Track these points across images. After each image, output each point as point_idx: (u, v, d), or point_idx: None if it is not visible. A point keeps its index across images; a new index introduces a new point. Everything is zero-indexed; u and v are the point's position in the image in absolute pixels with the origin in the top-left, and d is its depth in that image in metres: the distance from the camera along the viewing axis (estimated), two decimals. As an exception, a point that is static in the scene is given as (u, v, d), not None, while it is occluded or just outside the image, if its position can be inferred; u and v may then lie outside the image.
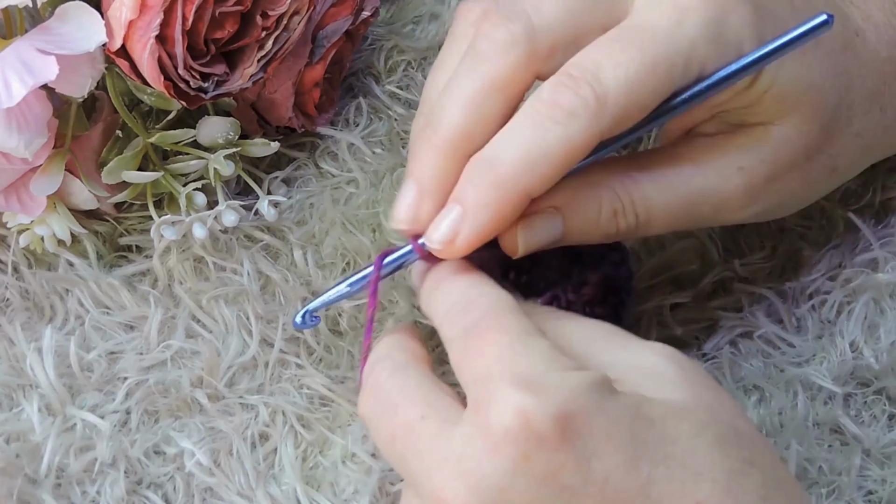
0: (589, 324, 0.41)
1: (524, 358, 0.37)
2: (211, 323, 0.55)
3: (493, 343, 0.38)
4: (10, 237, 0.57)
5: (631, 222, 0.44)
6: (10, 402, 0.53)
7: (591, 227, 0.43)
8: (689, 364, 0.39)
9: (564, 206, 0.43)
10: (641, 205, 0.44)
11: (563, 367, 0.37)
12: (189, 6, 0.52)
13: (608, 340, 0.40)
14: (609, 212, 0.43)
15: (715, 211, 0.45)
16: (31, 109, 0.51)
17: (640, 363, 0.39)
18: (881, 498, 0.49)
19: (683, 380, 0.38)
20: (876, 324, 0.53)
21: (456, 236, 0.41)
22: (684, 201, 0.44)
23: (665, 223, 0.45)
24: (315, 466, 0.52)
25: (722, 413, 0.38)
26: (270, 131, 0.61)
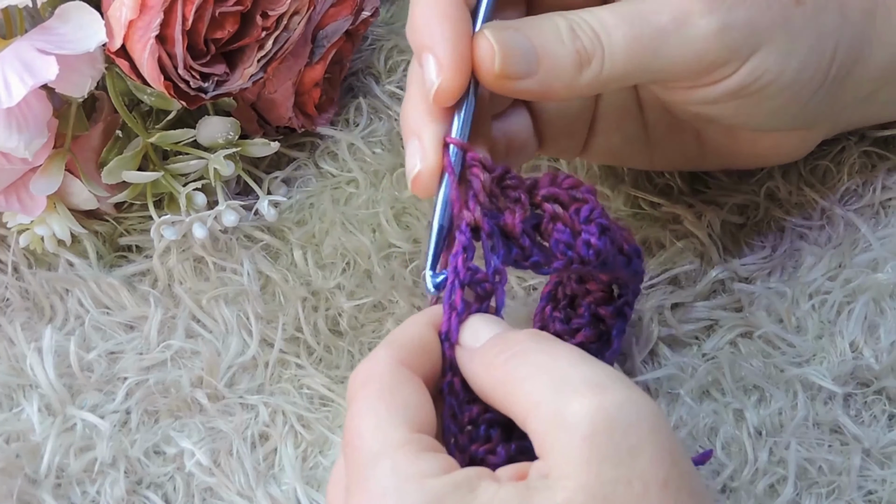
0: (538, 364, 0.38)
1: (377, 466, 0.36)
2: (211, 323, 0.55)
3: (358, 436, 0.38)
4: (10, 237, 0.57)
5: (591, 37, 0.44)
6: (10, 402, 0.53)
7: (556, 43, 0.44)
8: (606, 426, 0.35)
9: (521, 26, 0.44)
10: (595, 22, 0.44)
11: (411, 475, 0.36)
12: (189, 6, 0.52)
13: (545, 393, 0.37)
14: (566, 27, 0.44)
15: (675, 23, 0.44)
16: (31, 109, 0.51)
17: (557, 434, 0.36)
18: (881, 498, 0.49)
19: (586, 460, 0.35)
20: (876, 324, 0.53)
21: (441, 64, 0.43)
22: (638, 14, 0.44)
23: (626, 41, 0.44)
24: (315, 466, 0.52)
25: (621, 498, 0.35)
26: (270, 131, 0.61)
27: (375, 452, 0.37)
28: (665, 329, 0.53)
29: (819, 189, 0.57)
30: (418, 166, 0.44)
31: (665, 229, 0.56)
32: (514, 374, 0.38)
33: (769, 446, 0.50)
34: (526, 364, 0.38)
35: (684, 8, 0.44)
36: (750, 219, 0.57)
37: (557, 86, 0.44)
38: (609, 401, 0.36)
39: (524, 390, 0.38)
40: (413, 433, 0.37)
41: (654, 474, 0.35)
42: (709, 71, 0.45)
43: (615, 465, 0.35)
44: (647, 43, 0.44)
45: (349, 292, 0.56)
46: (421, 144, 0.44)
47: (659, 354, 0.53)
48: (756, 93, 0.46)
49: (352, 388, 0.39)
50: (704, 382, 0.52)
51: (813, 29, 0.47)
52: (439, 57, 0.43)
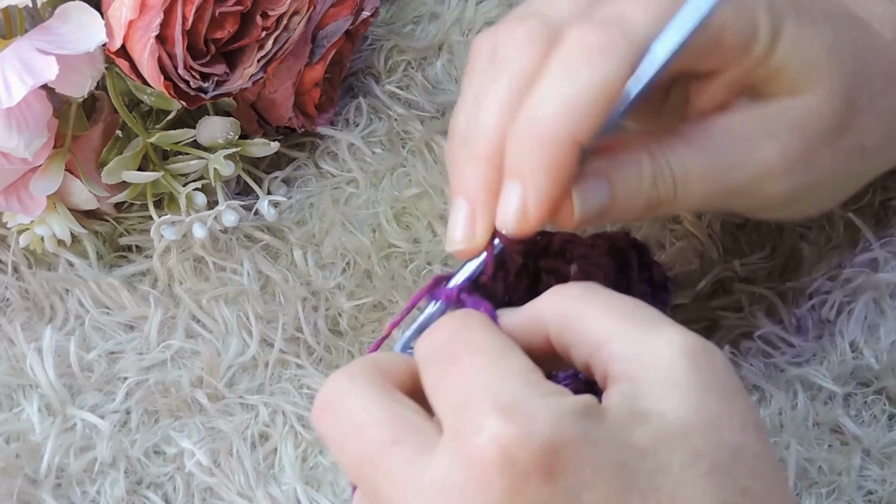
0: (605, 301, 0.39)
1: (503, 381, 0.35)
2: (211, 323, 0.55)
3: (468, 366, 0.36)
4: (10, 237, 0.57)
5: (669, 187, 0.43)
6: (10, 402, 0.53)
7: (635, 193, 0.43)
8: (708, 363, 0.36)
9: (607, 170, 0.42)
10: (678, 168, 0.43)
11: (547, 391, 0.35)
12: (189, 6, 0.52)
13: (625, 323, 0.38)
14: (649, 175, 0.43)
15: (751, 181, 0.44)
16: (31, 109, 0.51)
17: (655, 358, 0.36)
18: (881, 498, 0.49)
19: (694, 386, 0.36)
20: (876, 324, 0.53)
21: (526, 209, 0.40)
22: (719, 166, 0.44)
23: (701, 192, 0.44)
24: (315, 466, 0.52)
25: (725, 432, 0.36)
26: (270, 131, 0.61)
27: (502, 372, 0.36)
28: (665, 329, 0.53)
29: (819, 189, 0.57)
30: (461, 244, 0.42)
31: (665, 229, 0.56)
32: (584, 308, 0.38)
33: (769, 446, 0.50)
34: (597, 300, 0.38)
35: (765, 169, 0.44)
36: (750, 219, 0.57)
37: (618, 221, 0.45)
38: (703, 341, 0.37)
39: (601, 322, 0.38)
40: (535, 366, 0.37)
41: (749, 416, 0.36)
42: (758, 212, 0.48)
43: (719, 399, 0.36)
44: (719, 198, 0.45)
45: (349, 292, 0.56)
46: (472, 219, 0.42)
47: (659, 354, 0.53)
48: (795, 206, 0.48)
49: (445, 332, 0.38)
50: (704, 382, 0.52)
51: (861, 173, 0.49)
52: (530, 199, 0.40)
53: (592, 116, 0.40)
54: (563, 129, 0.39)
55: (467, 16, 0.65)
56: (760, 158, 0.44)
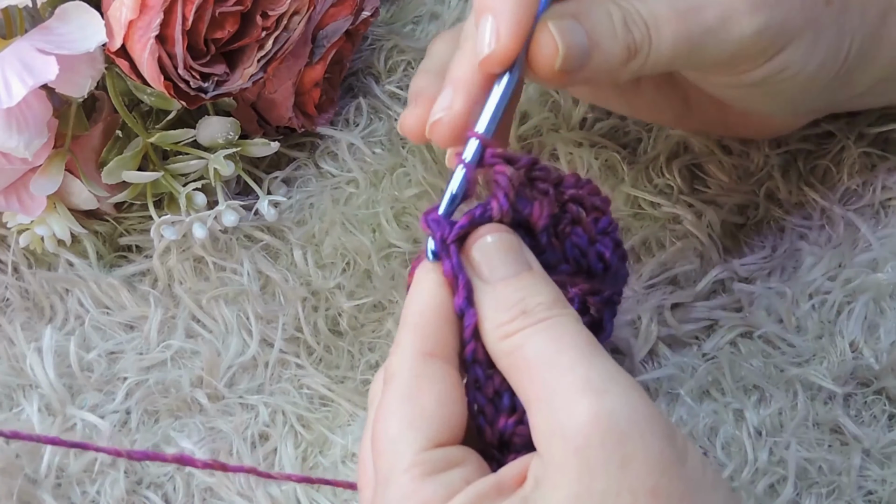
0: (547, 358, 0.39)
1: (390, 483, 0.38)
2: (211, 323, 0.55)
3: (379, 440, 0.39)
4: (10, 237, 0.57)
5: (642, 29, 0.44)
6: (10, 402, 0.53)
7: (610, 35, 0.43)
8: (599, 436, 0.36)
9: (578, 16, 0.43)
10: (646, 11, 0.44)
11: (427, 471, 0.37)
12: (189, 6, 0.52)
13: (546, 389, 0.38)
14: (619, 17, 0.44)
15: (719, 20, 0.45)
16: (31, 109, 0.51)
17: (553, 440, 0.37)
18: (881, 498, 0.49)
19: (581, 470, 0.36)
20: (876, 324, 0.53)
21: (499, 35, 0.42)
22: (688, 9, 0.44)
23: (674, 34, 0.44)
24: (315, 466, 0.52)
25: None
26: (270, 131, 0.61)
27: (388, 471, 0.38)
28: (665, 329, 0.53)
29: (819, 189, 0.57)
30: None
31: (665, 229, 0.56)
32: (519, 354, 0.39)
33: (769, 446, 0.50)
34: (532, 348, 0.39)
35: (731, 6, 0.45)
36: (750, 219, 0.57)
37: (601, 76, 0.44)
38: (605, 408, 0.36)
39: (526, 379, 0.38)
40: (426, 450, 0.38)
41: (643, 483, 0.36)
42: (739, 64, 0.47)
43: (606, 477, 0.36)
44: (693, 39, 0.45)
45: (349, 292, 0.56)
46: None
47: (659, 354, 0.53)
48: (776, 84, 0.47)
49: (385, 379, 0.40)
50: (704, 382, 0.52)
51: (836, 27, 0.48)
52: (499, 24, 0.42)
53: None
54: None
55: (467, 16, 0.65)
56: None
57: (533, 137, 0.60)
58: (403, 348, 0.40)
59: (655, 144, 0.59)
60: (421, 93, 0.47)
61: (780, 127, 0.55)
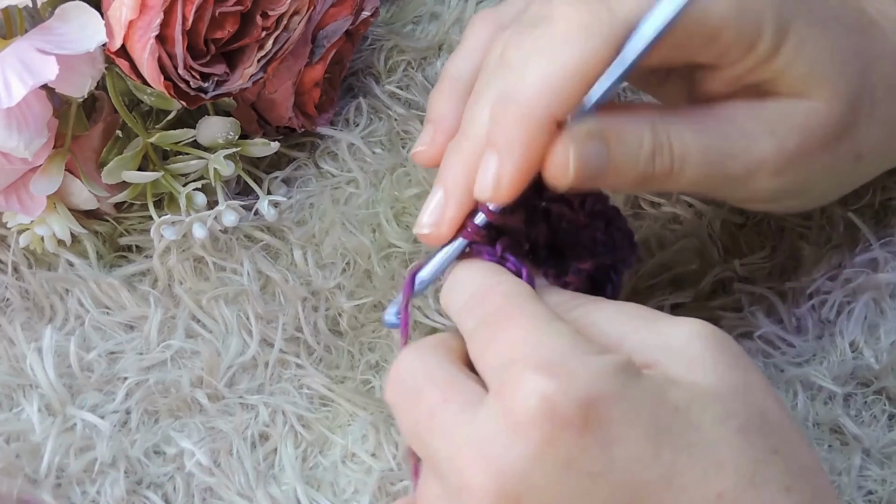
0: (614, 306, 0.41)
1: (547, 342, 0.37)
2: (211, 323, 0.55)
3: (514, 329, 0.38)
4: (10, 237, 0.57)
5: (666, 164, 0.43)
6: (10, 402, 0.53)
7: (632, 163, 0.43)
8: (721, 342, 0.39)
9: (608, 135, 0.43)
10: (678, 146, 0.44)
11: (587, 350, 0.37)
12: (189, 6, 0.52)
13: (635, 322, 0.40)
14: (649, 147, 0.43)
15: (745, 173, 0.45)
16: (31, 109, 0.51)
17: (670, 344, 0.38)
18: (881, 498, 0.49)
19: (714, 361, 0.37)
20: (876, 324, 0.53)
21: (500, 179, 0.41)
22: (717, 152, 0.44)
23: (696, 174, 0.44)
24: (315, 466, 0.52)
25: (750, 397, 0.37)
26: (270, 131, 0.61)
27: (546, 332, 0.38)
28: (665, 329, 0.53)
29: (819, 189, 0.57)
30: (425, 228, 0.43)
31: (665, 229, 0.56)
32: (594, 313, 0.40)
33: (769, 446, 0.50)
34: (605, 305, 0.40)
35: (760, 163, 0.45)
36: (750, 219, 0.57)
37: (609, 190, 0.45)
38: (711, 326, 0.39)
39: (612, 323, 0.40)
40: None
41: (767, 388, 0.38)
42: (750, 203, 0.49)
43: (737, 373, 0.38)
44: (711, 183, 0.45)
45: (349, 292, 0.56)
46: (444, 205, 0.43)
47: (659, 354, 0.53)
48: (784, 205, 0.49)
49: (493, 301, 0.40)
50: (704, 382, 0.52)
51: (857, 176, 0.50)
52: (502, 171, 0.41)
53: (570, 95, 0.41)
54: (540, 105, 0.40)
55: (467, 16, 0.65)
56: (757, 152, 0.45)
57: (533, 137, 0.59)
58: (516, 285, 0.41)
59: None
60: (440, 120, 0.46)
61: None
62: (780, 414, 0.38)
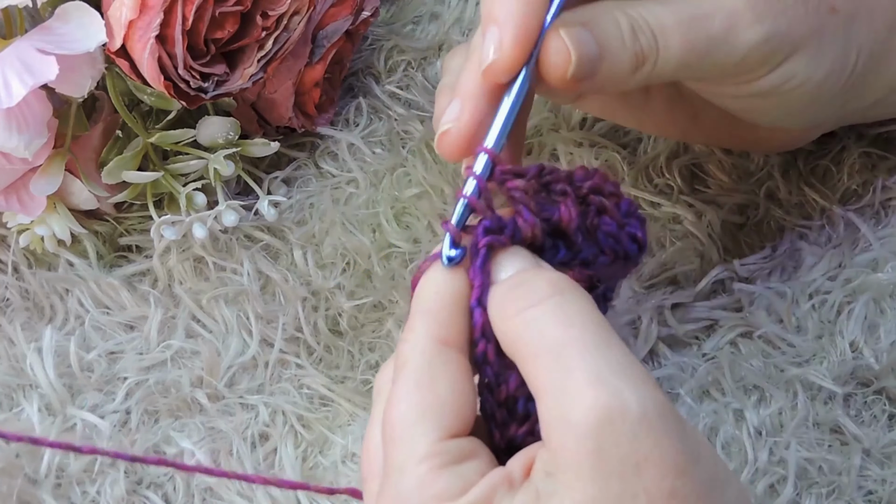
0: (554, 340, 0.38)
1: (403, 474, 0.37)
2: (211, 323, 0.55)
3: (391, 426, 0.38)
4: (10, 237, 0.57)
5: (649, 38, 0.44)
6: (10, 402, 0.53)
7: (619, 44, 0.44)
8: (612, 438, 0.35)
9: (588, 23, 0.43)
10: (653, 20, 0.44)
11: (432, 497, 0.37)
12: (189, 6, 0.52)
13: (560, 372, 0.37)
14: (627, 26, 0.44)
15: (726, 27, 0.45)
16: (31, 109, 0.51)
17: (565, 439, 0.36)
18: (881, 498, 0.49)
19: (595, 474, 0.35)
20: (876, 324, 0.53)
21: (502, 44, 0.42)
22: (691, 17, 0.45)
23: (681, 44, 0.45)
24: (315, 466, 0.52)
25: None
26: (270, 131, 0.61)
27: (401, 461, 0.37)
28: (665, 329, 0.53)
29: (819, 189, 0.57)
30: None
31: (665, 229, 0.56)
32: (524, 338, 0.38)
33: (769, 446, 0.50)
34: (537, 330, 0.38)
35: (735, 15, 0.45)
36: (750, 219, 0.57)
37: (610, 85, 0.45)
38: (616, 406, 0.35)
39: (533, 366, 0.38)
40: (440, 442, 0.37)
41: (660, 486, 0.35)
42: (744, 73, 0.47)
43: (621, 480, 0.35)
44: (699, 48, 0.45)
45: (349, 292, 0.56)
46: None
47: (659, 354, 0.53)
48: (782, 94, 0.47)
49: (396, 367, 0.39)
50: (704, 382, 0.52)
51: (842, 37, 0.48)
52: (503, 34, 0.42)
53: None
54: None
55: (467, 16, 0.65)
56: (729, 4, 0.45)
57: (533, 137, 0.60)
58: (416, 334, 0.39)
59: (655, 144, 0.59)
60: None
61: (789, 141, 0.55)
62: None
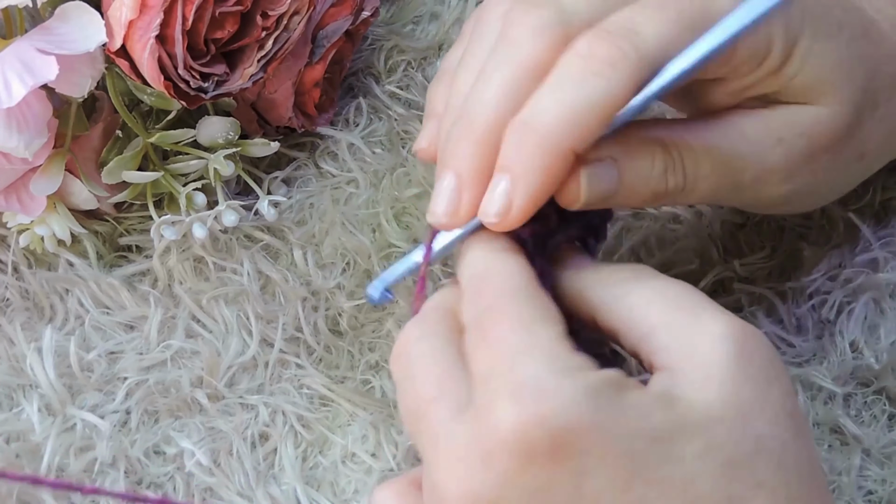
0: (655, 287, 0.40)
1: (525, 358, 0.36)
2: (211, 323, 0.55)
3: (497, 336, 0.38)
4: (10, 237, 0.57)
5: (679, 181, 0.44)
6: (10, 402, 0.53)
7: (643, 182, 0.43)
8: (748, 350, 0.37)
9: (620, 157, 0.42)
10: (690, 163, 0.44)
11: (565, 369, 0.36)
12: (189, 6, 0.52)
13: (671, 314, 0.39)
14: (661, 167, 0.43)
15: (755, 181, 0.45)
16: (31, 109, 0.51)
17: (696, 347, 0.37)
18: (881, 498, 0.49)
19: (731, 374, 0.37)
20: (876, 324, 0.53)
21: (510, 205, 0.40)
22: (728, 164, 0.44)
23: (708, 187, 0.44)
24: (315, 466, 0.52)
25: (754, 420, 0.36)
26: (270, 131, 0.61)
27: (526, 346, 0.37)
28: (665, 329, 0.53)
29: (819, 189, 0.57)
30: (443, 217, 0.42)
31: (665, 229, 0.56)
32: (633, 295, 0.39)
33: (769, 446, 0.50)
34: (645, 287, 0.40)
35: (769, 171, 0.45)
36: (750, 219, 0.57)
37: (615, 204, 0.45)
38: (746, 327, 0.38)
39: (648, 310, 0.39)
40: (565, 336, 0.38)
41: (783, 404, 0.37)
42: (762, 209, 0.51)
43: (754, 387, 0.37)
44: (722, 193, 0.46)
45: (349, 292, 0.56)
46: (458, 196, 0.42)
47: (659, 354, 0.53)
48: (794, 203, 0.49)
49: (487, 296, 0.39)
50: (704, 382, 0.52)
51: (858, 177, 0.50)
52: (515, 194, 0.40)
53: (593, 128, 0.40)
54: (562, 136, 0.40)
55: (467, 16, 0.65)
56: (767, 161, 0.45)
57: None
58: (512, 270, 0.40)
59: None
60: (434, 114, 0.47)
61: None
62: (786, 437, 0.37)
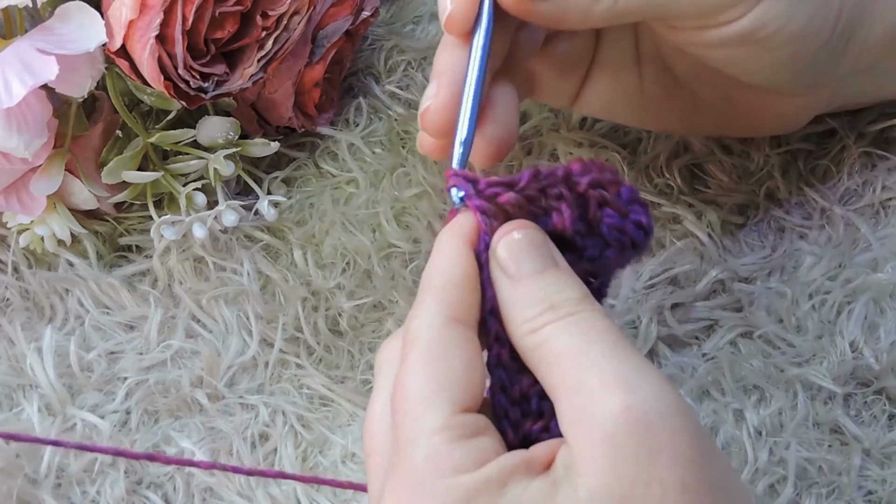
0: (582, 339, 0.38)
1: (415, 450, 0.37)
2: (211, 323, 0.55)
3: (400, 408, 0.38)
4: (10, 237, 0.57)
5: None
6: (10, 402, 0.53)
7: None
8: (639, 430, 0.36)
9: None
10: None
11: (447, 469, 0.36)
12: (189, 6, 0.52)
13: (587, 373, 0.37)
14: None
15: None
16: (31, 109, 0.51)
17: (595, 417, 0.36)
18: (881, 498, 0.49)
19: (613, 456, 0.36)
20: (876, 324, 0.53)
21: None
22: None
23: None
24: (315, 466, 0.52)
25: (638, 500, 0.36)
26: (270, 131, 0.61)
27: (414, 434, 0.37)
28: (665, 329, 0.53)
29: (819, 189, 0.57)
30: (448, 7, 0.43)
31: (665, 229, 0.56)
32: (547, 347, 0.38)
33: (769, 446, 0.50)
34: (561, 341, 0.38)
35: None
36: (750, 219, 0.57)
37: (573, 13, 0.44)
38: (636, 400, 0.36)
39: (558, 368, 0.38)
40: (454, 415, 0.37)
41: (672, 476, 0.35)
42: (718, 12, 0.46)
43: (636, 466, 0.35)
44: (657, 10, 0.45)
45: (349, 292, 0.56)
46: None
47: (659, 354, 0.53)
48: (762, 40, 0.46)
49: (405, 343, 0.39)
50: (704, 382, 0.52)
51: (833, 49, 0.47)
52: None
53: None
54: None
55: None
56: None
57: (533, 137, 0.60)
58: (427, 311, 0.39)
59: (655, 144, 0.59)
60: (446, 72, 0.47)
61: (787, 120, 0.54)
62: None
